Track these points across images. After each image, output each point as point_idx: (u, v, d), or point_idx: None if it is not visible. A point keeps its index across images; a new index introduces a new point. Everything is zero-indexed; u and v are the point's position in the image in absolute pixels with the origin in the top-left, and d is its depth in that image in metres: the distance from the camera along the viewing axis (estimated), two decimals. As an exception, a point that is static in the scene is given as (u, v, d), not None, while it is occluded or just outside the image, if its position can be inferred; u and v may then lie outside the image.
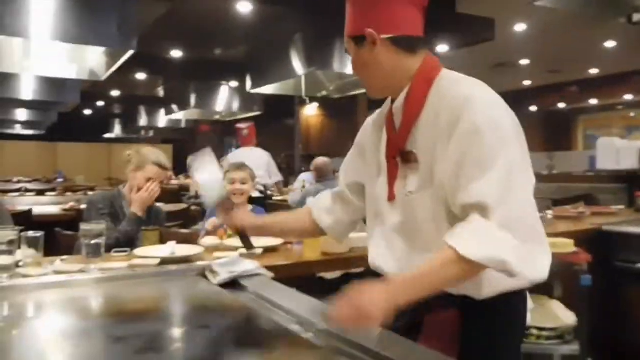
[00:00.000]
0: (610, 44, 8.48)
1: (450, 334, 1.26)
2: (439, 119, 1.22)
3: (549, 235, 1.34)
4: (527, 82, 12.58)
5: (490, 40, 6.09)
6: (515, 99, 14.12)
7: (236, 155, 5.98)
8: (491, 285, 1.23)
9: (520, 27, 7.27)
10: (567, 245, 2.47)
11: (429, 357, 0.99)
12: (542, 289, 2.60)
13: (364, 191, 1.49)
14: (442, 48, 6.21)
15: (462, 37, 5.97)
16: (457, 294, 1.24)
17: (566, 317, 2.44)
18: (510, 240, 1.10)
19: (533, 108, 14.00)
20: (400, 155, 1.30)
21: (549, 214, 3.63)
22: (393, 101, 1.34)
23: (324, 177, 4.86)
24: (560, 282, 2.70)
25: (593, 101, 13.22)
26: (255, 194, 5.92)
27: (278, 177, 6.23)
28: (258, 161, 5.96)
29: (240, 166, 3.04)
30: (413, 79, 1.28)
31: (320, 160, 4.95)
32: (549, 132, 14.36)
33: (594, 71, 11.20)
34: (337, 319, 1.09)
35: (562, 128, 14.57)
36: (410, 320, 1.24)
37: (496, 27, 6.00)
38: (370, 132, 1.48)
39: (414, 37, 1.29)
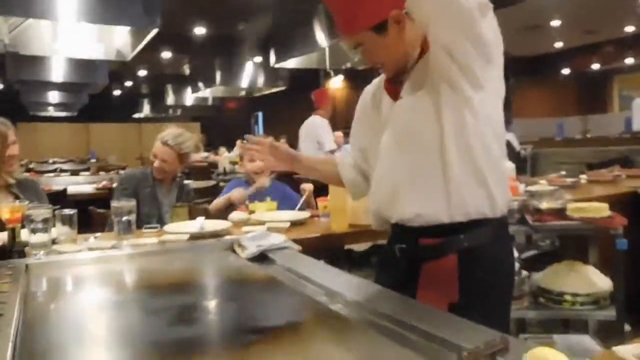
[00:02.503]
0: (646, -1, 8.12)
1: (450, 278, 1.34)
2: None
3: (583, 200, 1.33)
4: (559, 44, 12.16)
5: (521, 2, 5.88)
6: (547, 62, 13.69)
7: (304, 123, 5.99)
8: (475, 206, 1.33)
9: (551, -14, 7.03)
10: (602, 210, 2.41)
11: (461, 325, 0.98)
12: (575, 254, 2.55)
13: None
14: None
15: (490, -1, 5.81)
16: (448, 221, 1.32)
17: (601, 282, 2.39)
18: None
19: (566, 71, 13.57)
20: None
21: (583, 178, 3.57)
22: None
23: None
24: (596, 247, 2.65)
25: (629, 60, 12.71)
26: None
27: (330, 146, 6.01)
28: (308, 129, 5.94)
29: None
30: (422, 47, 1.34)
31: None
32: (583, 95, 13.92)
33: (629, 29, 10.73)
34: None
35: (597, 90, 14.09)
36: (408, 270, 1.38)
37: (527, -14, 5.80)
38: (370, 98, 1.61)
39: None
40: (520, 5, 6.04)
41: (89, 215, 3.01)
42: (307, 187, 2.83)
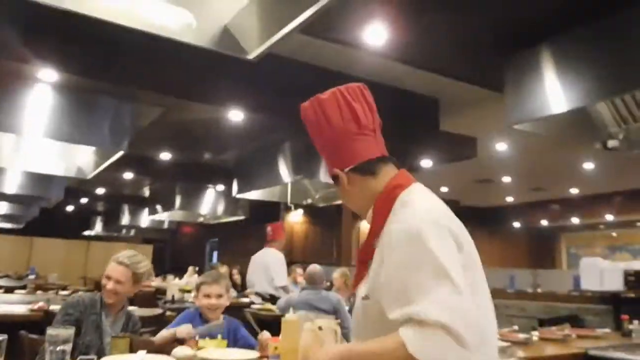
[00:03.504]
0: (588, 165, 8.79)
1: None
2: (386, 239, 1.38)
3: (535, 359, 1.30)
4: (510, 199, 12.85)
5: (473, 158, 6.33)
6: (499, 215, 14.28)
7: (256, 255, 5.94)
8: None
9: (501, 147, 7.56)
10: (556, 371, 2.38)
11: None
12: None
13: None
14: (427, 163, 6.43)
15: (445, 153, 6.21)
16: None
17: None
18: (453, 345, 1.18)
19: (517, 224, 14.21)
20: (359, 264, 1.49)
21: (535, 335, 3.63)
22: None
23: (315, 285, 4.74)
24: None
25: (575, 220, 13.46)
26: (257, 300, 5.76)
27: (281, 281, 5.97)
28: (260, 261, 5.88)
29: (216, 279, 2.90)
30: (377, 200, 1.47)
31: (314, 267, 4.87)
32: (533, 249, 14.45)
33: (574, 190, 11.51)
34: None
35: (546, 245, 14.70)
36: None
37: (478, 145, 6.28)
38: None
39: (371, 160, 1.50)
40: (474, 161, 6.48)
41: (19, 340, 2.76)
42: (265, 335, 2.68)
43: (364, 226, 13.79)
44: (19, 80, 3.99)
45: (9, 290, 6.95)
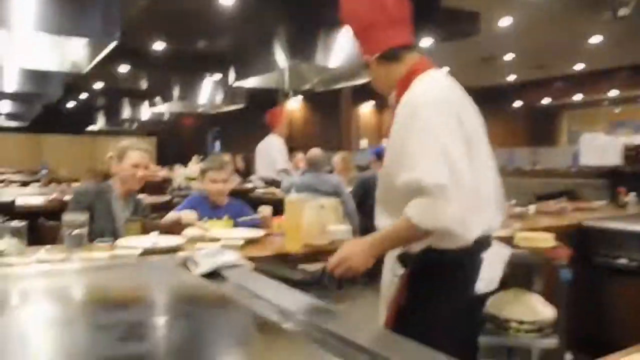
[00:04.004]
0: (596, 39, 8.56)
1: (403, 282, 1.62)
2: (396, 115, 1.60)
3: (530, 229, 1.43)
4: (512, 77, 12.66)
5: (475, 35, 6.14)
6: (500, 94, 14.17)
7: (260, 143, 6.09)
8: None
9: (505, 22, 7.33)
10: (547, 240, 2.50)
11: (407, 347, 1.01)
12: (521, 282, 2.63)
13: None
14: (427, 41, 6.24)
15: (447, 30, 6.01)
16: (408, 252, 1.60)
17: (545, 311, 2.47)
18: (449, 209, 1.42)
19: (518, 103, 14.11)
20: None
21: (531, 208, 3.67)
22: None
23: (316, 169, 4.86)
24: (540, 276, 2.73)
25: (578, 97, 13.34)
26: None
27: (281, 165, 6.07)
28: (263, 149, 6.01)
29: (221, 165, 3.00)
30: (398, 82, 1.64)
31: (315, 151, 4.94)
32: (533, 128, 14.48)
33: (579, 66, 11.29)
34: (331, 269, 1.57)
35: (547, 123, 14.70)
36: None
37: (481, 21, 6.06)
38: None
39: (397, 48, 1.65)
40: (477, 38, 6.30)
41: (39, 227, 2.93)
42: (265, 210, 2.84)
43: (364, 110, 13.78)
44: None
45: (24, 184, 7.18)
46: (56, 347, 1.13)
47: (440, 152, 1.45)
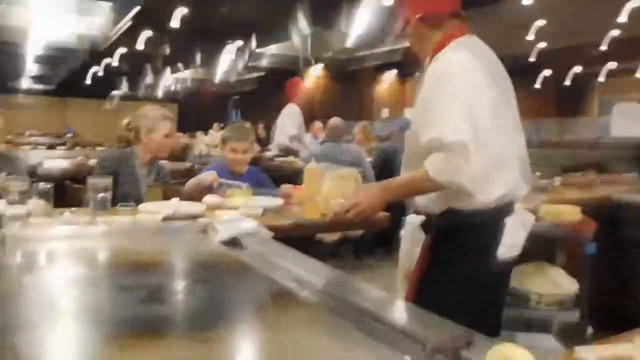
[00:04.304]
0: (633, 3, 8.17)
1: (425, 249, 1.66)
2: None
3: (555, 202, 1.42)
4: (542, 45, 12.23)
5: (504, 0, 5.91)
6: (528, 62, 13.62)
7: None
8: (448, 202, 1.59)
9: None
10: (573, 213, 2.45)
11: (428, 319, 1.00)
12: (543, 255, 2.60)
13: None
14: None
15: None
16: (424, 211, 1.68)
17: (567, 285, 2.43)
18: (467, 166, 1.44)
19: (547, 72, 13.65)
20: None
21: (557, 180, 3.58)
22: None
23: (336, 138, 4.84)
24: (564, 249, 2.69)
25: (611, 65, 12.82)
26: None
27: (291, 131, 6.10)
28: (281, 117, 6.05)
29: (243, 135, 3.00)
30: (433, 48, 1.64)
31: (335, 120, 4.92)
32: (563, 98, 14.02)
33: (614, 33, 10.83)
34: (345, 212, 1.63)
35: (577, 94, 14.21)
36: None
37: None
38: None
39: (437, 13, 1.66)
40: (505, 3, 6.05)
41: (65, 189, 3.00)
42: (287, 187, 2.82)
43: (386, 80, 13.60)
44: None
45: (50, 146, 7.34)
46: (80, 307, 1.16)
47: (465, 111, 1.48)
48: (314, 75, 12.44)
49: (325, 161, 4.54)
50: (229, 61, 9.18)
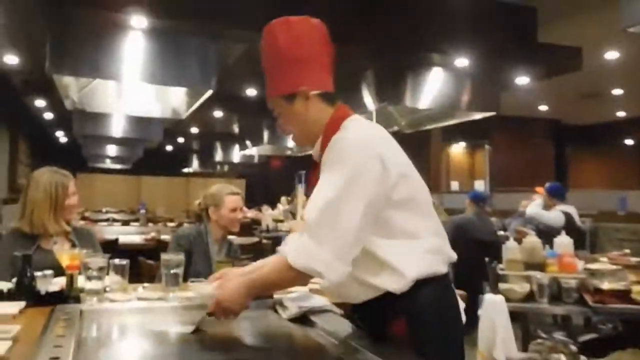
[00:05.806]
0: None
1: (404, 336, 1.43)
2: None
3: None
4: (621, 114, 11.83)
5: (577, 70, 5.81)
6: (608, 132, 13.06)
7: None
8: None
9: (611, 55, 6.94)
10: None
11: None
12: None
13: None
14: (522, 80, 5.98)
15: (545, 67, 5.73)
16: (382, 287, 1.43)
17: None
18: (322, 255, 1.34)
19: (629, 141, 13.11)
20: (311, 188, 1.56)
21: None
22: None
23: None
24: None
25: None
26: None
27: None
28: None
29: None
30: (325, 126, 1.54)
31: None
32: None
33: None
34: (211, 313, 1.50)
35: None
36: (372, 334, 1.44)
37: (584, 55, 5.74)
38: None
39: (332, 92, 1.60)
40: (579, 73, 5.94)
41: (138, 265, 3.10)
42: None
43: (454, 151, 13.51)
44: (115, 29, 4.21)
45: (125, 223, 7.73)
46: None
47: (333, 191, 1.40)
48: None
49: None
50: (294, 137, 9.45)
